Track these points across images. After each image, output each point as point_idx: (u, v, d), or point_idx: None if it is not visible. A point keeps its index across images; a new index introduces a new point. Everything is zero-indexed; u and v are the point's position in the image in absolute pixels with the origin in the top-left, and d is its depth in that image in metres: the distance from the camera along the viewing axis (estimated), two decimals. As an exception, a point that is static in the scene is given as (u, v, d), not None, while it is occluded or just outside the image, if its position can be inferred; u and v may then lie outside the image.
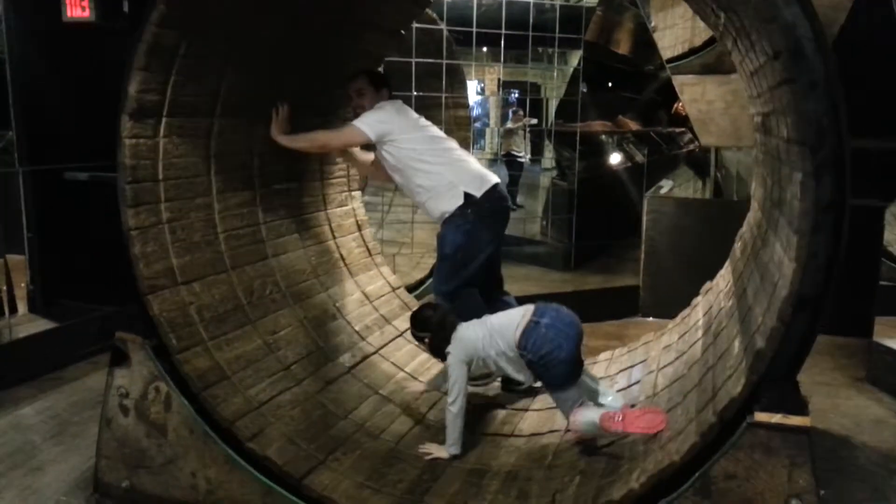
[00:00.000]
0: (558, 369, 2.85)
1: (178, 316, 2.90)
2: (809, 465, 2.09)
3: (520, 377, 3.06)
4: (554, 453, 2.91)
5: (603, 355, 3.87)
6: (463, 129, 6.71)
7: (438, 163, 3.38)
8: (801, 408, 2.16)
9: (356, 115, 3.54)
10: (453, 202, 3.33)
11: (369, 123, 3.38)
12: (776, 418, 2.12)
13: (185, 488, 2.83)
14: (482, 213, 3.35)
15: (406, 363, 3.73)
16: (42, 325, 4.72)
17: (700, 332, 3.17)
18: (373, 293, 4.09)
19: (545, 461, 2.86)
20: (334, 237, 4.05)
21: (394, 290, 4.30)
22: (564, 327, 2.88)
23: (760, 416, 2.14)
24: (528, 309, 2.98)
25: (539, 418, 3.27)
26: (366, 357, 3.64)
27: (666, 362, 3.24)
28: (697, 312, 3.52)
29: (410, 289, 5.26)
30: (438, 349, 3.06)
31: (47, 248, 4.96)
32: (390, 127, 3.38)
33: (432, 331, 3.08)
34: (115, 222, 2.88)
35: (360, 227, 4.30)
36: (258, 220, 3.49)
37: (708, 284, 3.72)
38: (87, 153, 4.48)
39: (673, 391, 2.86)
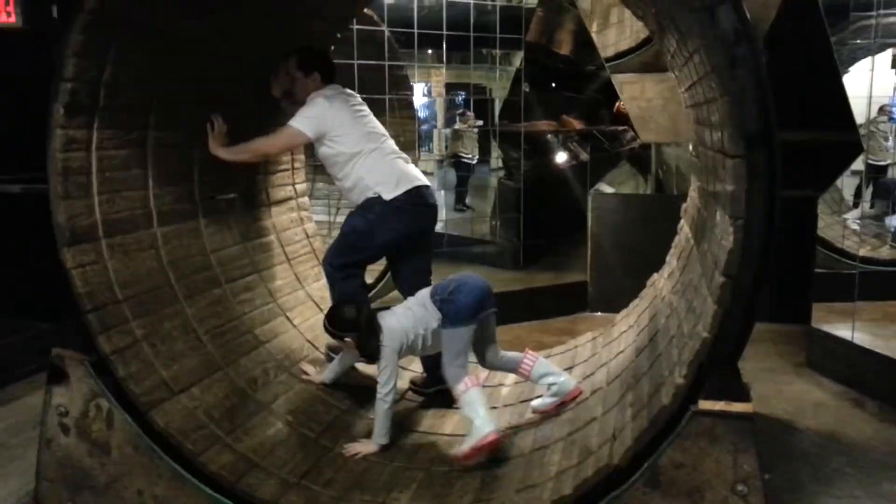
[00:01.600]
0: (467, 298, 2.99)
1: (185, 423, 2.80)
2: (753, 450, 2.15)
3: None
4: (602, 405, 2.91)
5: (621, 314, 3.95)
6: (408, 133, 6.69)
7: (362, 165, 3.33)
8: (743, 394, 2.22)
9: (285, 101, 3.50)
10: (364, 198, 3.35)
11: (303, 122, 3.27)
12: (720, 406, 2.18)
13: (132, 507, 2.75)
14: (388, 210, 3.30)
15: (435, 398, 3.63)
16: (-25, 344, 4.53)
17: (691, 242, 3.24)
18: None
19: (597, 414, 2.86)
20: (322, 310, 3.96)
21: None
22: (469, 276, 3.14)
23: (704, 405, 2.19)
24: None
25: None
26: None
27: (671, 292, 3.33)
28: (683, 231, 3.66)
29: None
30: (369, 347, 3.04)
31: (-22, 265, 4.76)
32: (323, 123, 3.28)
33: (360, 331, 3.05)
34: (50, 235, 2.76)
35: None
36: (237, 313, 3.42)
37: (685, 205, 3.88)
38: (19, 164, 4.32)
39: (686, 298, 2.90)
